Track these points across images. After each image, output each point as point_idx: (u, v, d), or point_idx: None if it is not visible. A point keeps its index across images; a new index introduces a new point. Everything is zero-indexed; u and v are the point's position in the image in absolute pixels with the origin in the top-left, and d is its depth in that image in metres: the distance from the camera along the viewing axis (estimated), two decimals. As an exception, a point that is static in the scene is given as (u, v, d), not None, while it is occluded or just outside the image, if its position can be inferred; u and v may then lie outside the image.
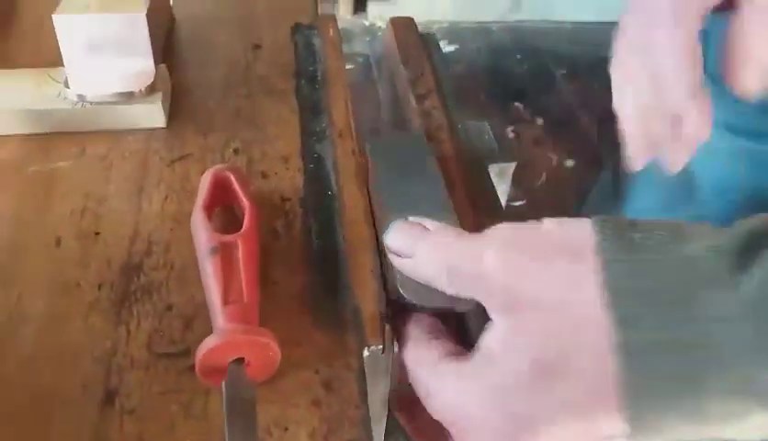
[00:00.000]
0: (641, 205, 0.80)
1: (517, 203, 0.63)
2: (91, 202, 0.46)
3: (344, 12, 2.71)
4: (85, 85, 0.49)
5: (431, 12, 2.59)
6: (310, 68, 0.61)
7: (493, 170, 0.55)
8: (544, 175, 1.65)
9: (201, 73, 0.59)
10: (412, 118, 0.60)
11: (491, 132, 0.58)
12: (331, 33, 0.66)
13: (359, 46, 2.59)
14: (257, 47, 0.62)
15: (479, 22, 2.65)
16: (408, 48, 0.66)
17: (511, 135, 1.84)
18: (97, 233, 0.44)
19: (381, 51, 0.75)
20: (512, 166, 0.56)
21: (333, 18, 0.68)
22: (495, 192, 0.53)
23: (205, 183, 0.44)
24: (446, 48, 2.54)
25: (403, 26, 0.70)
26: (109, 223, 0.44)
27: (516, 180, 0.58)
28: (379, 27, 2.68)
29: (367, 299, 0.41)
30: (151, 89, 0.51)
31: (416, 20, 0.70)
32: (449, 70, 0.66)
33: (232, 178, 0.44)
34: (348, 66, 2.32)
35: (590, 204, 0.97)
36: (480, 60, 2.48)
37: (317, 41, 0.65)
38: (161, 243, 0.43)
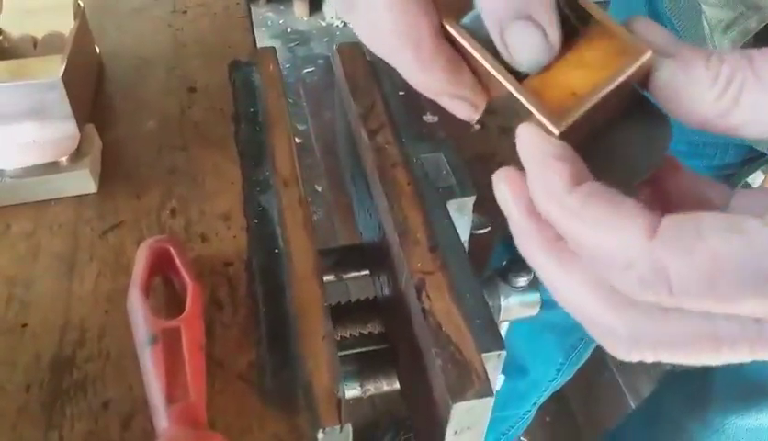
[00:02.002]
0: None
1: (482, 231, 0.61)
2: (18, 288, 0.42)
3: (299, 13, 2.67)
4: (4, 159, 0.46)
5: (387, 11, 2.56)
6: (251, 109, 0.58)
7: (452, 206, 0.53)
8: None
9: (133, 126, 0.55)
10: (365, 153, 0.58)
11: (447, 165, 0.55)
12: (271, 68, 0.62)
13: (318, 47, 2.56)
14: (192, 90, 0.59)
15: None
16: (356, 78, 0.63)
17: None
18: (24, 325, 0.40)
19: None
20: (471, 200, 0.54)
21: (273, 52, 0.64)
22: (454, 229, 0.51)
23: (141, 258, 0.41)
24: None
25: (350, 54, 0.67)
26: (38, 311, 0.41)
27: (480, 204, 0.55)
28: (337, 26, 2.64)
29: (320, 371, 0.38)
30: (77, 154, 0.48)
31: None
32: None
33: (171, 251, 0.41)
34: (308, 69, 2.27)
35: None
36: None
37: (257, 78, 0.62)
38: (94, 330, 0.40)
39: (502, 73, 0.25)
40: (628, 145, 0.24)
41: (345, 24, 2.63)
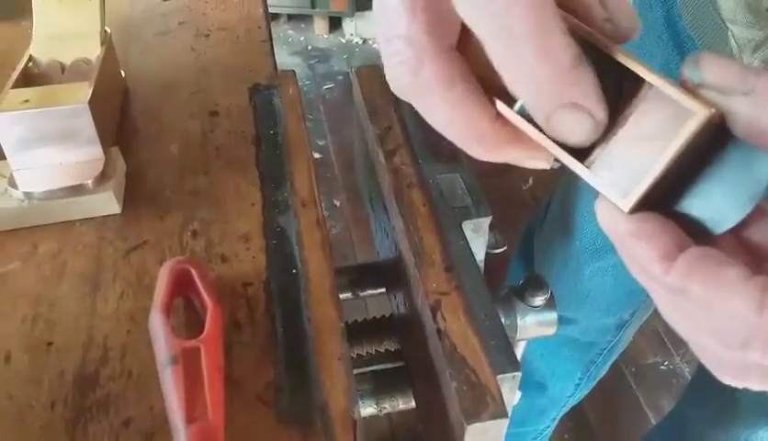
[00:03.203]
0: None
1: (498, 250, 0.61)
2: (43, 307, 0.44)
3: (320, 31, 2.71)
4: (32, 182, 0.48)
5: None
6: (271, 132, 0.59)
7: (468, 226, 0.54)
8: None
9: (157, 149, 0.57)
10: (381, 174, 0.59)
11: (463, 185, 0.56)
12: (291, 91, 0.64)
13: (338, 64, 2.59)
14: (214, 114, 0.61)
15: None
16: (374, 100, 0.65)
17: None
18: (50, 344, 0.42)
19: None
20: (487, 221, 0.54)
21: (293, 75, 0.66)
22: (470, 250, 0.52)
23: (163, 279, 0.42)
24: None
25: (368, 75, 0.68)
26: (62, 330, 0.42)
27: (496, 220, 0.56)
28: (356, 43, 2.67)
29: (336, 392, 0.39)
30: (102, 177, 0.49)
31: None
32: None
33: (192, 272, 0.42)
34: (328, 85, 2.30)
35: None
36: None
37: (277, 101, 0.63)
38: (117, 348, 0.41)
39: (564, 156, 0.24)
40: (716, 192, 0.23)
41: (365, 41, 2.66)
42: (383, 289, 0.66)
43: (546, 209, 0.95)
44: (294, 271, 0.46)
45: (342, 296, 0.62)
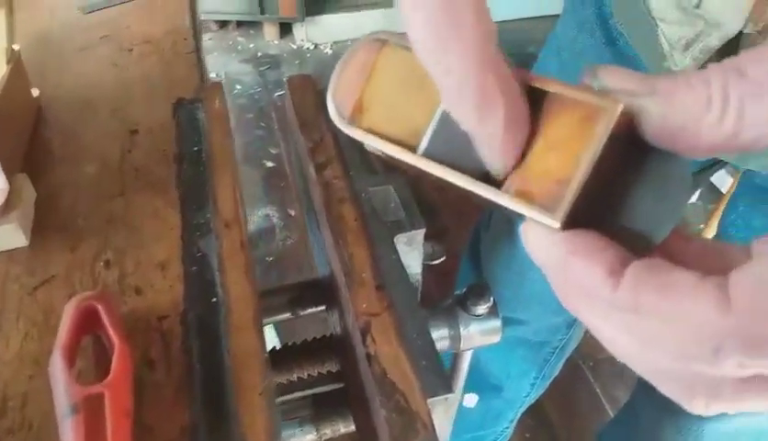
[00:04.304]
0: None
1: (438, 261, 0.60)
2: (-62, 354, 0.40)
3: (270, 37, 2.67)
4: (-76, 216, 0.44)
5: (357, 29, 2.57)
6: (195, 149, 0.56)
7: (401, 240, 0.52)
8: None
9: (71, 173, 0.54)
10: (313, 188, 0.56)
11: (396, 198, 0.54)
12: (217, 104, 0.61)
13: (289, 70, 2.56)
14: (134, 132, 0.58)
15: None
16: (305, 111, 0.62)
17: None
18: (-57, 395, 0.38)
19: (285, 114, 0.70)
20: (421, 233, 0.52)
21: (219, 87, 0.63)
22: (401, 265, 0.50)
23: (66, 318, 0.39)
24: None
25: (301, 85, 0.65)
26: (-42, 379, 0.39)
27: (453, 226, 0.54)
28: (308, 48, 2.64)
29: (256, 430, 0.37)
30: (5, 208, 0.46)
31: (343, 38, 0.66)
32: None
33: (99, 309, 0.39)
34: (280, 92, 2.26)
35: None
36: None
37: (202, 116, 0.60)
38: (17, 397, 0.38)
39: (479, 186, 0.22)
40: (645, 200, 0.21)
41: (317, 46, 2.63)
42: (323, 307, 0.63)
43: (490, 214, 0.95)
44: (214, 299, 0.44)
45: (281, 317, 0.60)
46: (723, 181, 1.68)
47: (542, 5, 2.52)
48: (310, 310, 0.64)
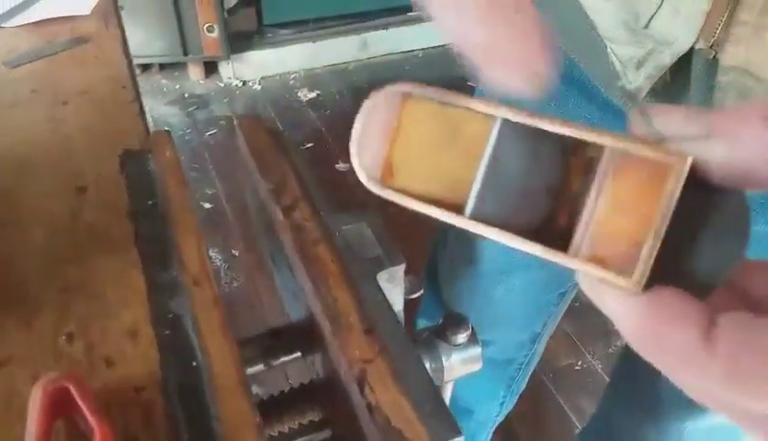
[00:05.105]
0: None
1: (416, 294, 0.58)
2: None
3: (195, 77, 2.62)
4: None
5: (284, 64, 2.56)
6: (149, 202, 0.53)
7: (383, 277, 0.50)
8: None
9: (16, 240, 0.49)
10: (282, 232, 0.54)
11: (371, 234, 0.53)
12: (167, 154, 0.58)
13: (218, 109, 2.51)
14: (81, 190, 0.54)
15: (333, 64, 2.66)
16: (263, 153, 0.60)
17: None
18: None
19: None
20: (401, 268, 0.51)
21: (167, 135, 0.60)
22: (387, 304, 0.48)
23: (34, 405, 0.35)
24: (308, 95, 2.51)
25: (252, 126, 0.63)
26: None
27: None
28: (236, 85, 2.60)
29: (262, 503, 0.34)
30: (-53, 286, 0.41)
31: (271, 73, 0.64)
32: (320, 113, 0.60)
33: (71, 389, 0.36)
34: (211, 131, 2.21)
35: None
36: (344, 103, 2.47)
37: (153, 167, 0.57)
38: (-16, 501, 0.34)
39: (548, 252, 0.21)
40: (710, 241, 0.21)
41: (245, 83, 2.60)
42: (299, 354, 0.61)
43: (445, 234, 0.94)
44: (194, 363, 0.41)
45: (253, 370, 0.57)
46: None
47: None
48: (284, 359, 0.61)
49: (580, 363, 1.63)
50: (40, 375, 0.37)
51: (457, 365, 0.63)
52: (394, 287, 0.51)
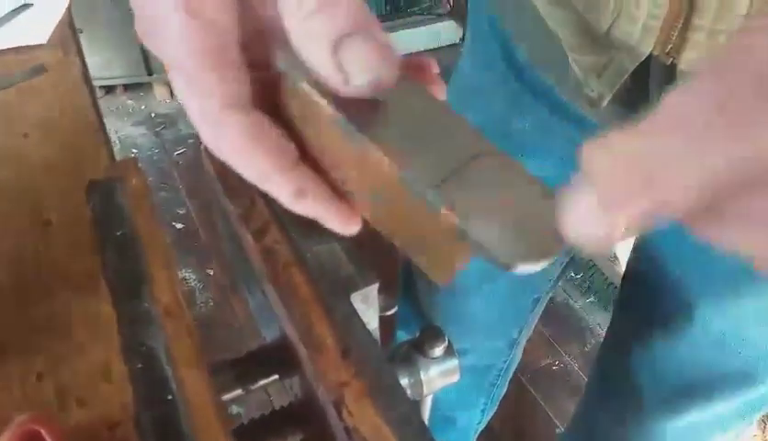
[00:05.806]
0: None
1: (390, 312, 0.59)
2: None
3: (161, 97, 2.59)
4: None
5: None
6: (118, 233, 0.52)
7: (357, 298, 0.50)
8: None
9: (-20, 279, 0.48)
10: (253, 257, 0.53)
11: (343, 254, 0.52)
12: (134, 182, 0.57)
13: (186, 128, 2.49)
14: (47, 224, 0.53)
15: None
16: (229, 176, 0.59)
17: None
18: None
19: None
20: (374, 288, 0.51)
21: (134, 163, 0.59)
22: (362, 324, 0.48)
23: (4, 450, 0.34)
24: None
25: (215, 148, 0.63)
26: None
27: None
28: (203, 103, 2.58)
29: None
30: None
31: None
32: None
33: (42, 432, 0.35)
34: (179, 150, 2.18)
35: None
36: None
37: (120, 197, 0.56)
38: None
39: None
40: None
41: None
42: (276, 376, 0.60)
43: None
44: (170, 397, 0.40)
45: (231, 395, 0.56)
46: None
47: (440, 36, 2.60)
48: (261, 382, 0.61)
49: (557, 362, 1.65)
50: (11, 418, 0.37)
51: (436, 378, 0.63)
52: (368, 307, 0.51)
